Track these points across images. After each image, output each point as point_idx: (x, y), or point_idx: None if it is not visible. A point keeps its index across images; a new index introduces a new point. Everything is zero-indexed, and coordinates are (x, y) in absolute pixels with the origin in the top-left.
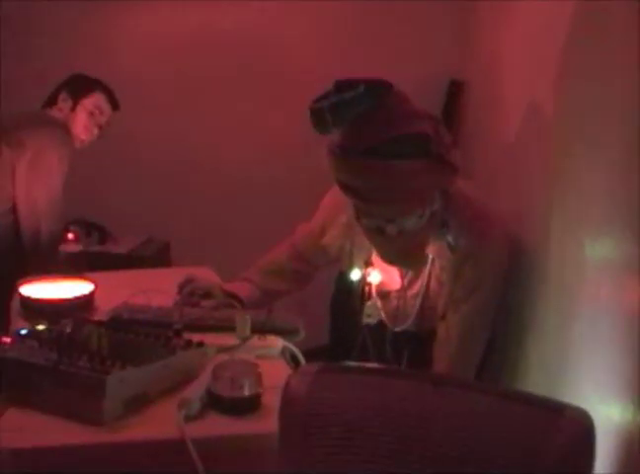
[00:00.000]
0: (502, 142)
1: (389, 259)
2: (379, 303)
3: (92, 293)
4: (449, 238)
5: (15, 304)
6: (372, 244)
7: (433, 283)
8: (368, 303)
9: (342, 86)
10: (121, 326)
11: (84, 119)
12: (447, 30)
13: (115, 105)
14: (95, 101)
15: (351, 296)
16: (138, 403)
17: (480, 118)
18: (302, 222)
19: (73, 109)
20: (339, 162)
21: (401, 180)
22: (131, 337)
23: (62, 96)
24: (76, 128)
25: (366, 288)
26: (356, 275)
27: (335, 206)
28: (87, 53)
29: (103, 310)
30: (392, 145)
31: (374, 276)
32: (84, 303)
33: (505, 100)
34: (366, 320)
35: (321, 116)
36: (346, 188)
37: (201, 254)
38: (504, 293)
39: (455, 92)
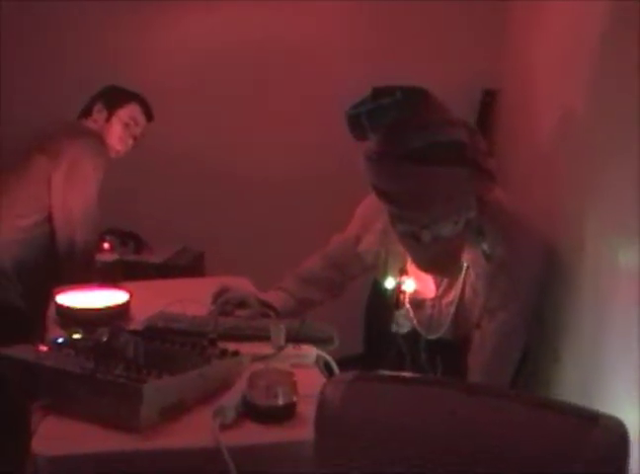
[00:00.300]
0: (535, 150)
1: (423, 266)
2: (411, 312)
3: (127, 302)
4: (485, 246)
5: (51, 313)
6: (407, 250)
7: (467, 292)
8: (399, 312)
9: (379, 92)
10: (157, 335)
11: (119, 131)
12: (481, 39)
13: (149, 116)
14: (130, 112)
15: (385, 305)
16: (174, 411)
17: (514, 127)
18: (337, 233)
19: (108, 120)
20: (375, 167)
21: (437, 185)
22: (167, 346)
23: (97, 107)
24: (111, 139)
25: (400, 296)
26: (390, 283)
27: (370, 214)
28: (120, 64)
29: (138, 319)
30: (428, 151)
31: (409, 285)
32: (120, 312)
33: (538, 107)
34: (397, 328)
35: (358, 121)
36: (381, 193)
37: (236, 263)
38: (539, 302)
39: (489, 101)
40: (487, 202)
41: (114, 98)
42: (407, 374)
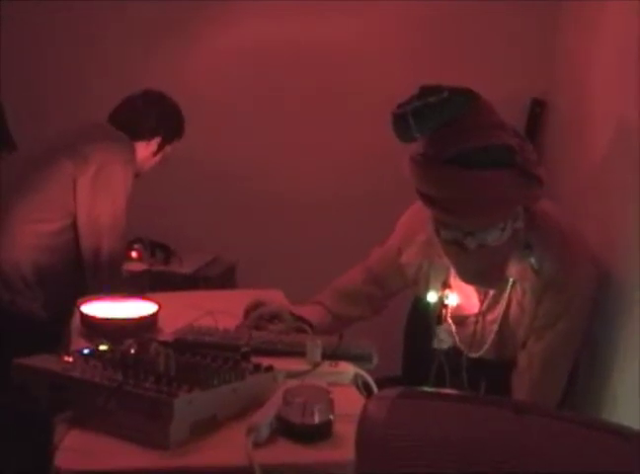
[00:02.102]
0: (589, 164)
1: (467, 276)
2: (453, 327)
3: (155, 314)
4: (533, 260)
5: (75, 323)
6: (450, 259)
7: (513, 309)
8: (441, 327)
9: (426, 91)
10: (187, 348)
11: (156, 161)
12: (530, 46)
13: (180, 135)
14: (175, 146)
15: (426, 320)
16: (206, 427)
17: (565, 139)
18: (377, 245)
19: (156, 154)
20: (420, 170)
21: (484, 190)
22: (198, 359)
23: (157, 140)
24: (144, 166)
25: (443, 312)
26: (432, 297)
27: (413, 225)
28: (159, 70)
29: (167, 331)
30: (476, 155)
31: (452, 299)
32: (148, 324)
33: (591, 119)
34: (438, 344)
35: (404, 121)
36: (426, 198)
37: (269, 275)
38: (589, 322)
39: (538, 112)
40: (535, 213)
41: (172, 133)
42: (452, 391)
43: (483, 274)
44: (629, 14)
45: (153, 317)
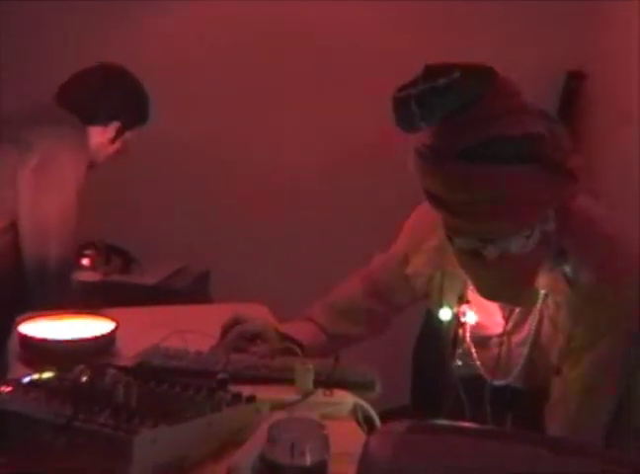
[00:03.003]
0: (636, 146)
1: (487, 292)
2: (474, 351)
3: (112, 333)
4: (567, 269)
5: (13, 346)
6: (467, 272)
7: (545, 327)
8: (460, 350)
9: (433, 71)
10: (152, 375)
11: (114, 150)
12: (565, 8)
13: (144, 121)
14: (137, 133)
15: (439, 342)
16: (174, 470)
17: (607, 119)
18: (380, 251)
19: (113, 141)
20: (428, 167)
21: (505, 190)
22: (165, 388)
23: (115, 124)
24: (99, 155)
25: (459, 331)
26: (446, 314)
27: (422, 228)
28: (121, 42)
29: (127, 355)
30: (495, 147)
31: (470, 317)
32: (103, 346)
33: (637, 92)
34: (455, 371)
35: (407, 107)
36: (435, 199)
37: (250, 286)
38: (636, 340)
39: (574, 86)
40: (570, 212)
41: (134, 117)
42: (472, 425)
43: (507, 288)
44: None
45: (109, 337)
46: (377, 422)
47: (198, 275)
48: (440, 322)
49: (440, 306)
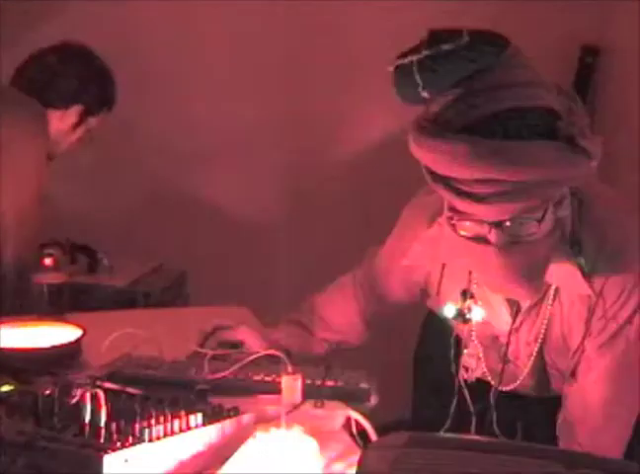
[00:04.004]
0: None
1: (494, 283)
2: (481, 351)
3: (78, 342)
4: (582, 261)
5: None
6: (471, 261)
7: (557, 326)
8: (466, 351)
9: (438, 37)
10: (123, 387)
11: (76, 137)
12: None
13: (111, 106)
14: (101, 119)
15: (442, 342)
16: None
17: (624, 95)
18: (374, 246)
19: (75, 128)
20: (430, 141)
21: (515, 168)
22: (138, 401)
23: (77, 108)
24: (60, 144)
25: (465, 330)
26: (449, 311)
27: (420, 216)
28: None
29: (95, 365)
30: (507, 121)
31: (476, 313)
32: (68, 355)
33: None
34: (462, 374)
35: (408, 75)
36: (438, 178)
37: (230, 287)
38: None
39: (590, 61)
40: (587, 199)
41: (97, 101)
42: (479, 437)
43: (515, 280)
44: None
45: (75, 346)
46: (373, 435)
47: (173, 275)
48: (443, 321)
49: (441, 303)
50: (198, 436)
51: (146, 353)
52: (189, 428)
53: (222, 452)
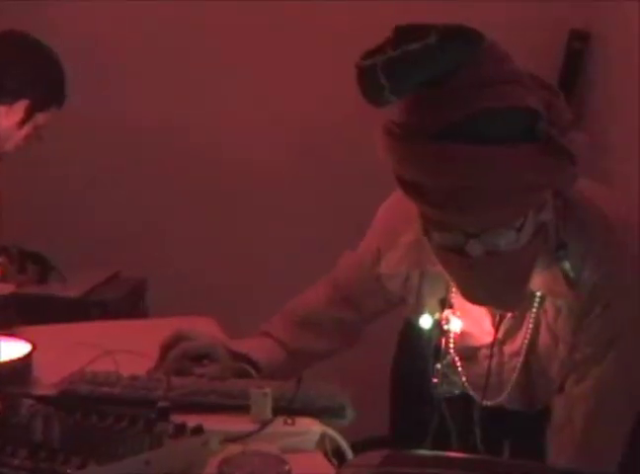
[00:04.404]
0: None
1: (472, 295)
2: (459, 365)
3: (28, 357)
4: (567, 266)
5: None
6: (447, 272)
7: (543, 336)
8: (441, 364)
9: (405, 34)
10: (78, 405)
11: (24, 137)
12: None
13: (60, 103)
14: (51, 116)
15: (419, 356)
16: None
17: (616, 85)
18: (347, 251)
19: (22, 125)
20: (401, 149)
21: (493, 173)
22: (93, 421)
23: (23, 103)
24: (5, 142)
25: (442, 341)
26: (427, 321)
27: (396, 219)
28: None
29: (46, 382)
30: (481, 123)
31: (455, 324)
32: (17, 372)
33: None
34: (442, 389)
35: (373, 78)
36: (410, 187)
37: (194, 296)
38: None
39: (579, 48)
40: (572, 202)
41: (46, 96)
42: (461, 455)
43: (495, 291)
44: None
45: (24, 362)
46: (349, 453)
47: (131, 284)
48: (420, 332)
49: (420, 312)
50: (158, 457)
51: (102, 368)
52: (150, 447)
53: (188, 473)
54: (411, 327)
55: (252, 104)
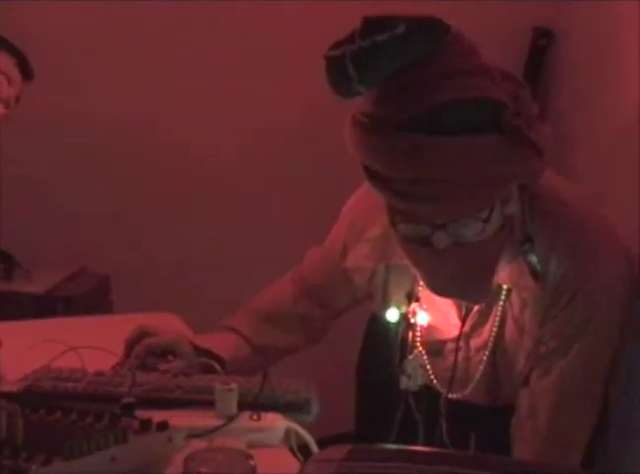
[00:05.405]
0: (617, 119)
1: (438, 287)
2: (425, 358)
3: None
4: (534, 259)
5: None
6: (414, 265)
7: (509, 329)
8: (408, 358)
9: (373, 25)
10: (42, 401)
11: None
12: None
13: (27, 73)
14: (19, 87)
15: (385, 350)
16: None
17: (581, 84)
18: (314, 246)
19: None
20: (367, 140)
21: (458, 164)
22: (58, 417)
23: None
24: None
25: (409, 335)
26: (393, 315)
27: (362, 214)
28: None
29: (10, 379)
30: (447, 115)
31: (421, 317)
32: None
33: (620, 57)
34: (405, 383)
35: (342, 68)
36: (377, 178)
37: (158, 293)
38: (619, 345)
39: (543, 45)
40: (536, 192)
41: (13, 60)
42: (426, 449)
43: (461, 282)
44: None
45: None
46: (315, 448)
47: (96, 280)
48: (387, 326)
49: (386, 306)
50: (124, 453)
51: (67, 365)
52: (115, 443)
53: (151, 470)
54: (377, 321)
55: (221, 100)
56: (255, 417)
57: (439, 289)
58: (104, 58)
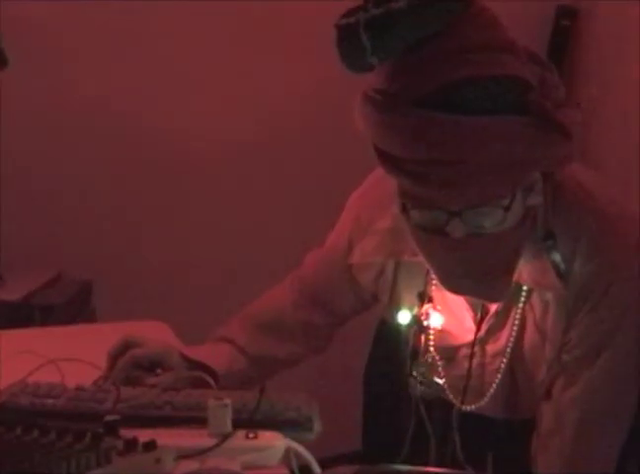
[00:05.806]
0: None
1: (452, 282)
2: (440, 364)
3: None
4: (557, 257)
5: None
6: (426, 256)
7: (529, 334)
8: (420, 363)
9: None
10: (18, 419)
11: None
12: None
13: (1, 59)
14: None
15: (396, 357)
16: None
17: (608, 66)
18: (315, 249)
19: None
20: (380, 117)
21: (478, 146)
22: (35, 436)
23: None
24: None
25: (422, 338)
26: (404, 317)
27: (369, 205)
28: None
29: None
30: (468, 92)
31: (435, 320)
32: None
33: None
34: (417, 391)
35: (354, 38)
36: (389, 159)
37: (145, 299)
38: None
39: (566, 25)
40: (562, 184)
41: None
42: (437, 469)
43: (477, 279)
44: None
45: None
46: (317, 470)
47: (76, 286)
48: (397, 330)
49: (394, 308)
50: None
51: (45, 378)
52: (97, 465)
53: None
54: (386, 326)
55: (221, 101)
56: (251, 435)
57: (452, 285)
58: (99, 51)
